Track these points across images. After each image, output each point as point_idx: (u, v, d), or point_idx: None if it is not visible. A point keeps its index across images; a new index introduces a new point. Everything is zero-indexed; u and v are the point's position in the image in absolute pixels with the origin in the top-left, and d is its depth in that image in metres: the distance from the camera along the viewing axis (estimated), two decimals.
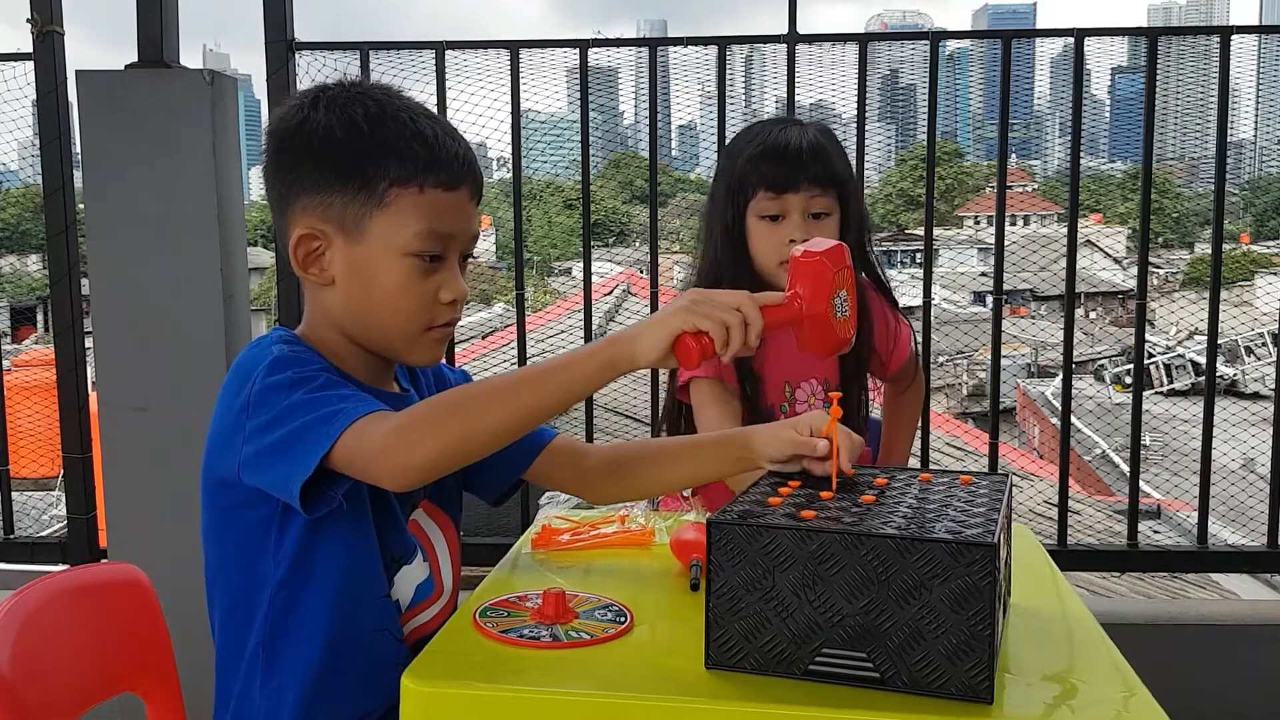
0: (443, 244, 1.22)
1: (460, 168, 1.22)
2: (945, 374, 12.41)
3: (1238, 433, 3.90)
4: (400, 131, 1.20)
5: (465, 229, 1.24)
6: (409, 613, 1.28)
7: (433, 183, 1.20)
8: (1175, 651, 2.36)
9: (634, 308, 6.53)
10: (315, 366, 1.18)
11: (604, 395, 3.90)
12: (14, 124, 2.64)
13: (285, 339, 1.23)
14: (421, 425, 1.10)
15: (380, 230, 1.20)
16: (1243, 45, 2.44)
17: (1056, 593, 1.30)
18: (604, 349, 1.12)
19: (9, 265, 9.08)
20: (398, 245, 1.20)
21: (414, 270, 1.21)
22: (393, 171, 1.19)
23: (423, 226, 1.20)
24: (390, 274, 1.21)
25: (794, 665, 1.00)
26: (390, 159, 1.19)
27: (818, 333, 1.19)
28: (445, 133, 1.23)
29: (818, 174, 1.71)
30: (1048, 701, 1.01)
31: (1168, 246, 20.73)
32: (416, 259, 1.20)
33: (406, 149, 1.20)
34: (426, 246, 1.21)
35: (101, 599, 1.36)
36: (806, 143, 1.72)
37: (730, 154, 1.81)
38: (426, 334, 1.25)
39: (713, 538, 1.03)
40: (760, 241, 1.74)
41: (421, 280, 1.21)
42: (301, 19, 2.47)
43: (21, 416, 2.99)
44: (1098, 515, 5.03)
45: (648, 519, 1.50)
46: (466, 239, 1.25)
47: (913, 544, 0.96)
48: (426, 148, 1.20)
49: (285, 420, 1.12)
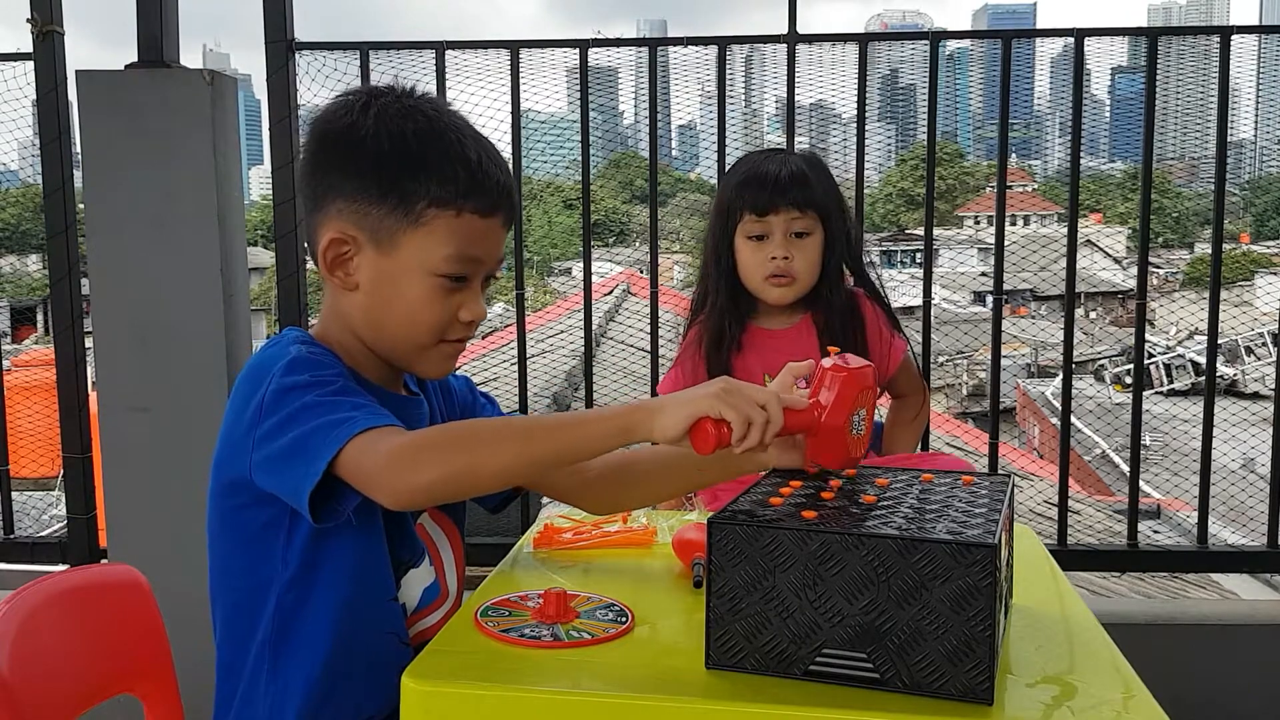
0: (471, 267, 1.23)
1: (498, 195, 1.23)
2: (945, 374, 12.42)
3: (1238, 433, 3.90)
4: (445, 152, 1.21)
5: (493, 254, 1.26)
6: (415, 616, 1.28)
7: (470, 208, 1.21)
8: (1175, 651, 2.36)
9: (634, 307, 6.54)
10: (332, 371, 1.18)
11: (604, 395, 3.90)
12: (14, 124, 2.64)
13: (303, 339, 1.23)
14: (430, 449, 1.09)
15: (412, 247, 1.21)
16: (1243, 45, 2.44)
17: (1057, 593, 1.30)
18: (624, 415, 1.11)
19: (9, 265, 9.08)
20: (427, 264, 1.21)
21: (438, 288, 1.22)
22: (433, 192, 1.20)
23: (454, 250, 1.21)
24: (414, 289, 1.21)
25: (794, 665, 1.00)
26: (432, 179, 1.20)
27: (830, 444, 1.19)
28: (489, 159, 1.24)
29: (797, 197, 1.86)
30: (1047, 702, 1.01)
31: (1168, 246, 20.74)
32: (443, 279, 1.22)
33: (450, 171, 1.20)
34: (455, 269, 1.22)
35: (99, 600, 1.36)
36: (787, 170, 1.88)
37: (723, 183, 1.99)
38: (438, 347, 1.25)
39: (713, 537, 1.03)
40: (746, 259, 1.89)
41: (444, 298, 1.23)
42: (302, 19, 2.47)
43: (21, 416, 2.99)
44: (1098, 515, 5.02)
45: (650, 518, 1.50)
46: (493, 263, 1.27)
47: (913, 544, 0.96)
48: (469, 172, 1.21)
49: (296, 422, 1.11)
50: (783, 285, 1.87)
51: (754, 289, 1.90)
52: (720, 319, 1.92)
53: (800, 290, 1.89)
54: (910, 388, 2.02)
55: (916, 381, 2.03)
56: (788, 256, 1.85)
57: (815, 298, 1.91)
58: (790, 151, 1.99)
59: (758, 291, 1.89)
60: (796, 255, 1.86)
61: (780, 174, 1.86)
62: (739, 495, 1.14)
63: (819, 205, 1.87)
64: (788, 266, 1.86)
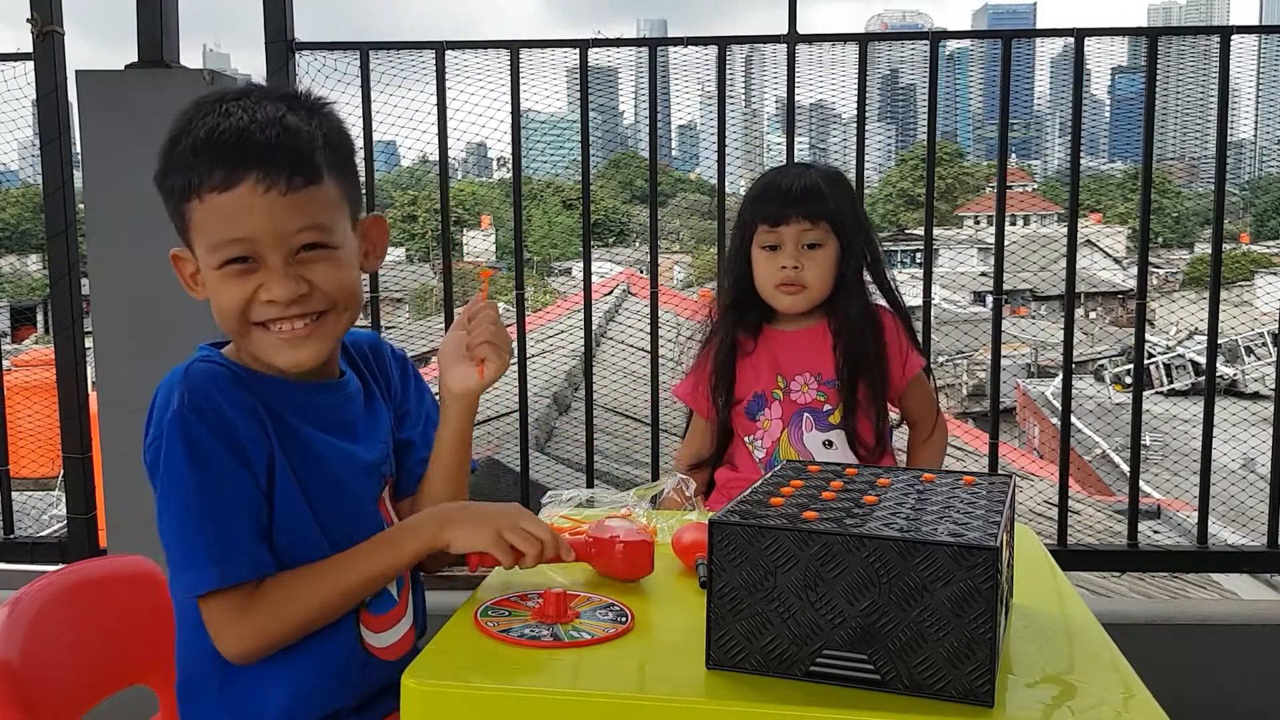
0: (242, 249, 1.16)
1: (237, 161, 1.12)
2: (945, 374, 12.41)
3: (1238, 433, 3.89)
4: (185, 141, 1.15)
5: (265, 227, 1.14)
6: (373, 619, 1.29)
7: (207, 188, 1.13)
8: (1175, 651, 2.36)
9: (634, 307, 6.53)
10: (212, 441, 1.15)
11: (604, 396, 3.90)
12: (14, 124, 2.64)
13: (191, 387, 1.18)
14: (255, 618, 1.16)
15: (197, 247, 1.19)
16: (1243, 45, 2.44)
17: (1057, 593, 1.30)
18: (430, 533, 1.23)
19: (9, 265, 9.09)
20: (206, 260, 1.19)
21: (225, 276, 1.17)
22: (176, 186, 1.16)
23: (214, 239, 1.16)
24: (211, 284, 1.20)
25: (795, 666, 1.00)
26: (174, 175, 1.17)
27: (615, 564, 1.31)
28: (234, 128, 1.13)
29: (809, 209, 1.90)
30: (1047, 702, 1.01)
31: (1168, 246, 20.75)
32: (225, 267, 1.17)
33: (185, 159, 1.15)
34: (221, 257, 1.16)
35: (110, 592, 1.37)
36: (801, 184, 1.92)
37: (745, 197, 2.05)
38: (258, 332, 1.20)
39: (715, 538, 1.03)
40: (760, 268, 1.94)
41: (236, 284, 1.17)
42: (302, 19, 2.47)
43: (21, 416, 2.99)
44: (1098, 515, 5.02)
45: (650, 518, 1.50)
46: (277, 236, 1.15)
47: (914, 546, 0.96)
48: (195, 154, 1.14)
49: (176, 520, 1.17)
50: (792, 294, 1.91)
51: (766, 297, 1.94)
52: (730, 328, 1.97)
53: (811, 300, 1.92)
54: (921, 411, 2.02)
55: (929, 403, 2.03)
56: (798, 266, 1.89)
57: (833, 306, 1.95)
58: (810, 166, 2.02)
59: (770, 299, 1.94)
60: (807, 265, 1.90)
61: (794, 187, 1.91)
62: (740, 495, 1.14)
63: (831, 217, 1.90)
64: (797, 276, 1.90)
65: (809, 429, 1.92)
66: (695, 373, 2.02)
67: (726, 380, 1.96)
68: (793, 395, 1.93)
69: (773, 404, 1.93)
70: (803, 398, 1.92)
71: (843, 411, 1.91)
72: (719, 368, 1.96)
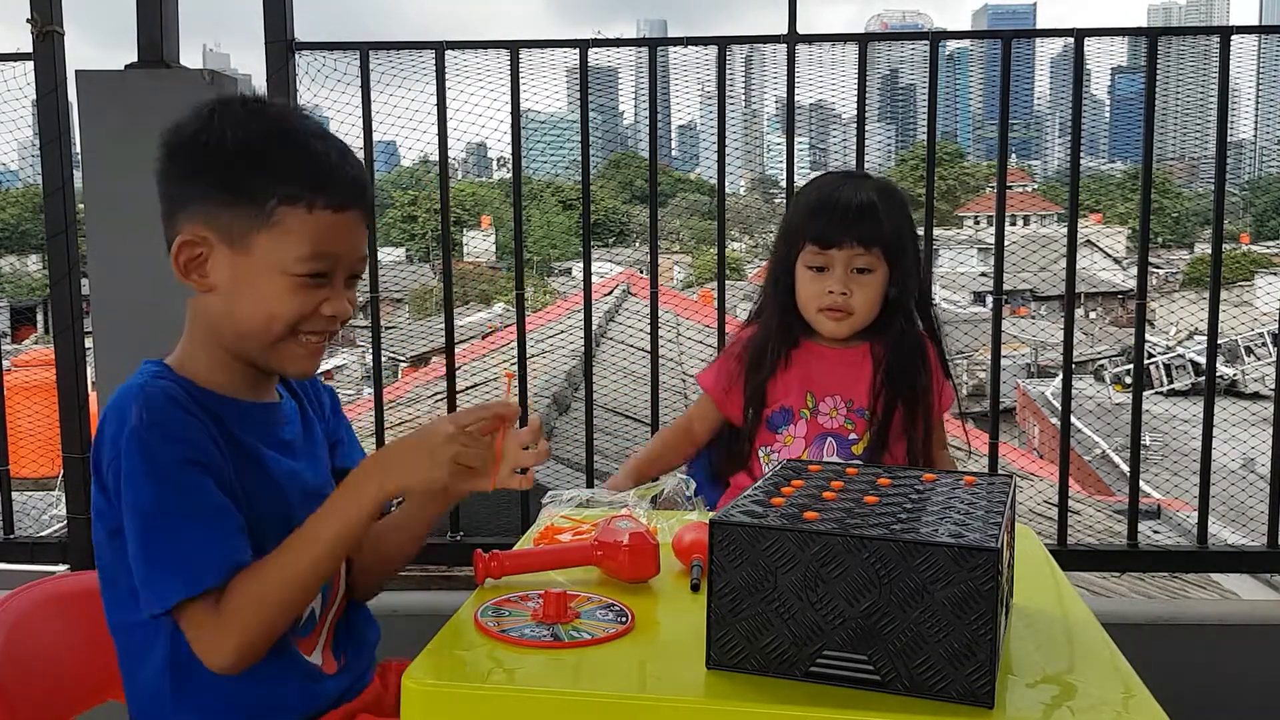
0: (328, 264, 1.22)
1: (350, 190, 1.23)
2: None
3: (1238, 433, 3.90)
4: (292, 150, 1.21)
5: (352, 250, 1.25)
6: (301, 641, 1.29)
7: (321, 204, 1.20)
8: (1175, 651, 2.36)
9: (634, 307, 6.53)
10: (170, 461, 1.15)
11: (604, 396, 3.90)
12: (14, 124, 2.64)
13: (150, 405, 1.18)
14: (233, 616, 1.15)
15: (266, 247, 1.20)
16: (1243, 45, 2.43)
17: (1057, 593, 1.30)
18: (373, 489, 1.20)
19: (9, 265, 9.09)
20: (282, 264, 1.20)
21: (295, 286, 1.21)
22: (281, 189, 1.19)
23: (309, 249, 1.20)
24: (271, 287, 1.21)
25: (795, 667, 1.00)
26: (280, 177, 1.20)
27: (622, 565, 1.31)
28: (339, 154, 1.24)
29: (862, 233, 1.80)
30: (1047, 702, 1.01)
31: (1167, 246, 20.75)
32: (299, 278, 1.21)
33: (297, 168, 1.20)
34: (310, 268, 1.21)
35: (91, 605, 1.36)
36: (857, 202, 1.81)
37: (794, 202, 1.94)
38: (296, 340, 1.24)
39: (715, 538, 1.03)
40: (804, 288, 1.86)
41: (302, 294, 1.22)
42: (302, 19, 2.47)
43: (21, 416, 2.99)
44: (1098, 515, 5.02)
45: (650, 518, 1.49)
46: (353, 260, 1.26)
47: (915, 547, 0.96)
48: (316, 168, 1.21)
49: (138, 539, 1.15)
50: (837, 320, 1.84)
51: (809, 317, 1.87)
52: (765, 340, 1.90)
53: (855, 326, 1.85)
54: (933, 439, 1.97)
55: (941, 434, 1.99)
56: (845, 292, 1.81)
57: (875, 330, 1.88)
58: (865, 176, 1.93)
59: (812, 321, 1.86)
60: (856, 291, 1.82)
61: (850, 206, 1.81)
62: (740, 495, 1.14)
63: (885, 242, 1.82)
64: (845, 302, 1.82)
65: (830, 454, 1.85)
66: (723, 363, 1.95)
67: (761, 395, 1.88)
68: (820, 418, 1.86)
69: (799, 421, 1.87)
70: (829, 422, 1.86)
71: (869, 443, 1.85)
72: (758, 388, 1.88)
